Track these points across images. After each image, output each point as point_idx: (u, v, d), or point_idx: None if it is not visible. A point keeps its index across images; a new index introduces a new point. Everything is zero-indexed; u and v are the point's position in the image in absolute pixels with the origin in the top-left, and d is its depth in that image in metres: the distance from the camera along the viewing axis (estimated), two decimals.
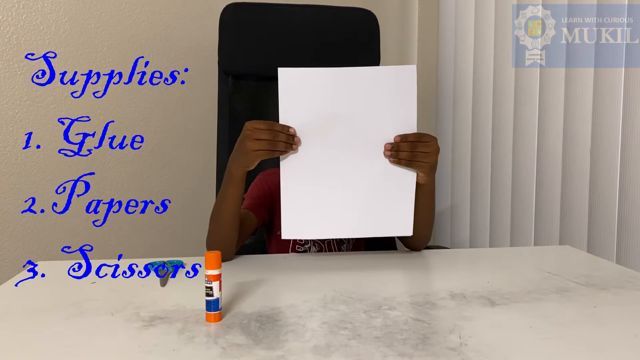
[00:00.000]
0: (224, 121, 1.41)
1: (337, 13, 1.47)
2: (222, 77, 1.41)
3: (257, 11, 1.42)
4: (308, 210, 0.93)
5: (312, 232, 0.96)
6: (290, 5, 1.45)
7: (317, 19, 1.45)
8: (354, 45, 1.45)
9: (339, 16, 1.47)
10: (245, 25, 1.40)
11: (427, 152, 0.92)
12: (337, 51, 1.43)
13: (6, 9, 1.56)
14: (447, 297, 0.79)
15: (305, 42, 1.42)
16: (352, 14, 1.47)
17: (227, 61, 1.40)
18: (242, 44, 1.40)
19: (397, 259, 1.04)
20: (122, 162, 1.74)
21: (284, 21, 1.43)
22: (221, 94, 1.41)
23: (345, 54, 1.43)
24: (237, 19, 1.39)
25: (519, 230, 1.56)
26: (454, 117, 1.87)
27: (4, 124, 1.58)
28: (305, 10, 1.45)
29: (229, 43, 1.39)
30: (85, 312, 0.75)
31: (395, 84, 0.93)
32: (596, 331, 0.67)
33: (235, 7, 1.40)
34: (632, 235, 1.19)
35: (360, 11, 1.46)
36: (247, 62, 1.41)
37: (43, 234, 1.65)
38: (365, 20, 1.45)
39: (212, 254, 0.71)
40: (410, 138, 0.92)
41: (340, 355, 0.60)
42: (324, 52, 1.42)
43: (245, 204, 1.15)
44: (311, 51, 1.42)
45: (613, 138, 1.24)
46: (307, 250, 1.16)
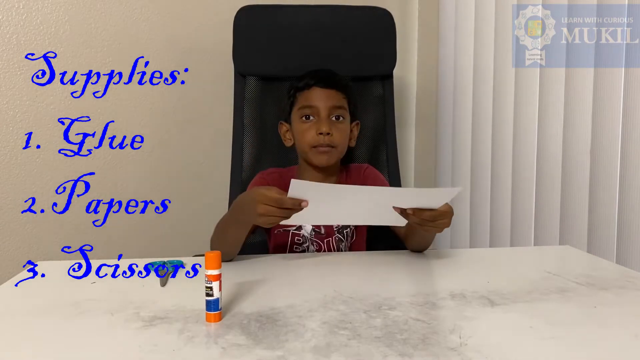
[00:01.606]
0: (239, 120, 1.42)
1: (351, 12, 1.46)
2: (237, 79, 1.43)
3: (270, 13, 1.42)
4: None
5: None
6: (304, 6, 1.44)
7: (331, 18, 1.44)
8: (370, 45, 1.43)
9: (354, 15, 1.45)
10: (259, 27, 1.41)
11: (444, 222, 0.92)
12: (352, 51, 1.42)
13: (6, 9, 1.56)
14: (447, 297, 0.79)
15: (320, 42, 1.41)
16: (367, 13, 1.45)
17: (242, 63, 1.41)
18: (256, 46, 1.40)
19: (397, 258, 1.04)
20: (122, 162, 1.74)
21: (297, 22, 1.43)
22: (237, 95, 1.42)
23: (360, 53, 1.42)
24: (250, 22, 1.40)
25: (519, 230, 1.56)
26: (454, 117, 1.87)
27: (4, 124, 1.58)
28: (319, 10, 1.44)
29: (243, 45, 1.40)
30: (85, 312, 0.75)
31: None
32: (596, 331, 0.67)
33: (248, 9, 1.40)
34: (632, 235, 1.19)
35: (375, 10, 1.43)
36: (262, 63, 1.41)
37: (43, 234, 1.65)
38: (381, 19, 1.43)
39: (212, 254, 0.71)
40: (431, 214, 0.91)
41: (340, 355, 0.60)
42: (338, 52, 1.41)
43: None
44: (326, 51, 1.41)
45: (613, 138, 1.24)
46: (305, 250, 1.16)
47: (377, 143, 1.45)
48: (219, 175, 1.83)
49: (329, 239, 1.17)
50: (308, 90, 1.17)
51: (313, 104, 1.15)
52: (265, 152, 1.43)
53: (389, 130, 1.45)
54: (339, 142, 1.15)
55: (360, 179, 1.21)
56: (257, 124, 1.42)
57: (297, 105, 1.18)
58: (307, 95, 1.16)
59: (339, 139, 1.15)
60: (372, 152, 1.45)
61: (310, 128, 1.14)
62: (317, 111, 1.15)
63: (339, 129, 1.15)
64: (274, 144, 1.38)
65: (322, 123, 1.13)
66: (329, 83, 1.17)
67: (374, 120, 1.45)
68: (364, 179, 1.20)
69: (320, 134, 1.12)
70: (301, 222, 1.10)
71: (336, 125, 1.15)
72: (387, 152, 1.44)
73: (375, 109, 1.46)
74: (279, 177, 1.21)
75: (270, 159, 1.41)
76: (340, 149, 1.17)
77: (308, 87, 1.17)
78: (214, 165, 1.83)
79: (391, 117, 1.45)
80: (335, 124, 1.15)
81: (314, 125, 1.14)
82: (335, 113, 1.15)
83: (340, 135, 1.15)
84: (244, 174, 1.40)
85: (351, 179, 1.21)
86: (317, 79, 1.17)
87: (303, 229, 1.16)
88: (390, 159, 1.44)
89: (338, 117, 1.16)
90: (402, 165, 1.81)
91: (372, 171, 1.23)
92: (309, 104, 1.15)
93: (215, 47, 1.77)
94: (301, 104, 1.17)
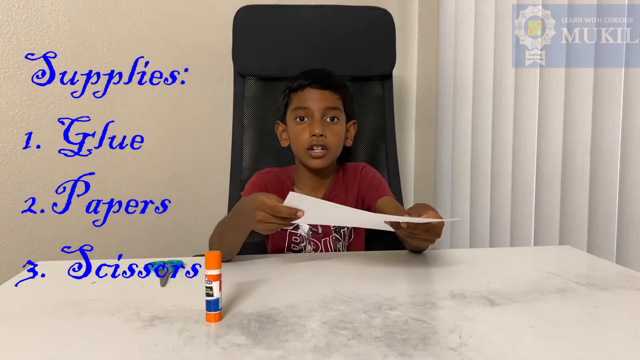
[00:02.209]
0: (238, 120, 1.42)
1: (351, 12, 1.46)
2: (237, 79, 1.43)
3: (270, 13, 1.42)
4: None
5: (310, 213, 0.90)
6: (304, 6, 1.44)
7: (331, 18, 1.44)
8: (369, 45, 1.43)
9: (353, 15, 1.45)
10: (259, 27, 1.41)
11: (436, 234, 0.89)
12: (352, 51, 1.42)
13: (6, 9, 1.56)
14: (447, 297, 0.79)
15: (320, 42, 1.41)
16: (367, 13, 1.45)
17: (241, 63, 1.41)
18: (256, 46, 1.40)
19: (397, 258, 1.04)
20: (122, 162, 1.74)
21: (297, 22, 1.43)
22: (236, 95, 1.42)
23: (359, 53, 1.42)
24: (250, 22, 1.40)
25: (519, 230, 1.56)
26: (454, 117, 1.87)
27: (4, 124, 1.58)
28: (318, 10, 1.44)
29: (243, 45, 1.40)
30: (85, 312, 0.75)
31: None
32: (596, 331, 0.67)
33: (248, 9, 1.40)
34: (632, 235, 1.19)
35: (375, 10, 1.44)
36: (262, 63, 1.41)
37: (43, 234, 1.65)
38: (381, 19, 1.43)
39: (212, 254, 0.71)
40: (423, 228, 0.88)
41: (340, 355, 0.60)
42: (338, 52, 1.41)
43: None
44: (326, 51, 1.41)
45: (613, 138, 1.24)
46: (302, 249, 1.16)
47: (377, 143, 1.45)
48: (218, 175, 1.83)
49: (326, 238, 1.17)
50: (302, 91, 1.16)
51: (306, 105, 1.14)
52: (264, 152, 1.42)
53: (389, 131, 1.45)
54: (333, 144, 1.14)
55: (356, 178, 1.20)
56: (256, 124, 1.42)
57: (291, 106, 1.18)
58: (301, 96, 1.16)
59: (333, 140, 1.14)
60: (372, 152, 1.45)
61: (304, 130, 1.14)
62: (311, 112, 1.14)
63: (332, 130, 1.14)
64: (274, 144, 1.38)
65: (316, 125, 1.12)
66: (323, 83, 1.16)
67: (374, 121, 1.45)
68: (361, 179, 1.20)
69: (313, 135, 1.12)
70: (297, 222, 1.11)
71: (330, 126, 1.14)
72: (387, 152, 1.44)
73: (374, 109, 1.46)
74: (276, 176, 1.21)
75: (270, 159, 1.41)
76: (334, 151, 1.16)
77: (302, 88, 1.16)
78: (213, 166, 1.82)
79: (391, 117, 1.45)
80: (329, 125, 1.14)
81: (307, 127, 1.14)
82: (329, 114, 1.15)
83: (334, 137, 1.14)
84: (243, 175, 1.40)
85: (347, 178, 1.21)
86: (311, 80, 1.16)
87: (300, 229, 1.16)
88: (390, 159, 1.44)
89: (333, 119, 1.15)
90: (402, 165, 1.81)
91: (369, 170, 1.23)
92: (303, 105, 1.15)
93: (215, 47, 1.77)
94: (295, 105, 1.16)
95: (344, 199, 1.19)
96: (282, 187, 1.19)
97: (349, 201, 1.18)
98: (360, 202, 1.19)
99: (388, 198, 1.15)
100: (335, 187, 1.20)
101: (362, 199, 1.19)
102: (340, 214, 0.93)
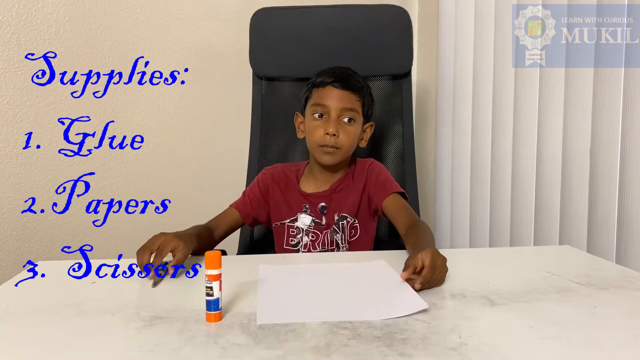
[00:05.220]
0: (257, 119, 1.44)
1: (366, 11, 1.45)
2: (255, 80, 1.45)
3: (286, 15, 1.43)
4: (285, 296, 0.81)
5: (291, 316, 0.73)
6: (318, 7, 1.45)
7: (346, 18, 1.44)
8: (386, 43, 1.43)
9: (369, 14, 1.44)
10: (275, 29, 1.42)
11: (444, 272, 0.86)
12: (369, 50, 1.42)
13: (6, 9, 1.56)
14: (447, 297, 0.79)
15: (336, 42, 1.42)
16: (383, 12, 1.44)
17: (259, 65, 1.42)
18: (272, 47, 1.42)
19: (396, 258, 1.04)
20: (122, 162, 1.74)
21: (312, 23, 1.43)
22: (255, 96, 1.45)
23: (377, 52, 1.42)
24: (266, 24, 1.41)
25: (519, 230, 1.56)
26: (454, 117, 1.87)
27: (4, 124, 1.58)
28: (333, 10, 1.44)
29: (260, 47, 1.42)
30: (85, 312, 0.75)
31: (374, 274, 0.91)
32: (596, 331, 0.67)
33: (263, 12, 1.41)
34: (632, 235, 1.19)
35: (391, 8, 1.43)
36: (278, 65, 1.43)
37: (43, 234, 1.65)
38: (397, 17, 1.43)
39: (212, 253, 0.71)
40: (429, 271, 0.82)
41: (340, 355, 0.60)
42: (355, 52, 1.41)
43: (238, 202, 1.21)
44: (343, 51, 1.41)
45: (613, 138, 1.24)
46: (299, 241, 1.17)
47: (395, 142, 1.46)
48: (218, 175, 1.83)
49: (327, 230, 1.17)
50: (323, 88, 1.18)
51: (325, 103, 1.16)
52: (280, 153, 1.45)
53: (407, 129, 1.45)
54: (345, 144, 1.16)
55: (364, 173, 1.21)
56: (273, 126, 1.45)
57: (310, 100, 1.20)
58: (321, 93, 1.17)
59: (346, 140, 1.15)
60: (389, 151, 1.46)
61: (319, 126, 1.16)
62: (328, 111, 1.15)
63: (347, 131, 1.16)
64: (289, 145, 1.41)
65: (331, 124, 1.14)
66: (344, 84, 1.17)
67: (392, 119, 1.46)
68: (368, 174, 1.21)
69: (327, 134, 1.14)
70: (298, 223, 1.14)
71: (345, 127, 1.16)
72: (404, 151, 1.45)
73: (392, 108, 1.46)
74: (281, 171, 1.24)
75: (286, 161, 1.43)
76: (345, 150, 1.17)
77: (323, 85, 1.18)
78: (213, 165, 1.83)
79: (409, 116, 1.46)
80: (344, 126, 1.16)
81: (323, 124, 1.15)
82: (346, 115, 1.16)
83: (348, 138, 1.16)
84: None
85: (356, 173, 1.22)
86: (334, 78, 1.17)
87: (299, 221, 1.18)
88: (407, 157, 1.44)
89: (349, 120, 1.16)
90: None
91: (376, 165, 1.24)
92: (321, 102, 1.16)
93: (216, 47, 1.77)
94: (314, 101, 1.18)
95: (349, 193, 1.20)
96: (286, 181, 1.23)
97: (353, 195, 1.19)
98: (366, 198, 1.19)
99: (393, 197, 1.16)
100: (343, 181, 1.21)
101: (369, 196, 1.19)
102: (322, 278, 0.87)
